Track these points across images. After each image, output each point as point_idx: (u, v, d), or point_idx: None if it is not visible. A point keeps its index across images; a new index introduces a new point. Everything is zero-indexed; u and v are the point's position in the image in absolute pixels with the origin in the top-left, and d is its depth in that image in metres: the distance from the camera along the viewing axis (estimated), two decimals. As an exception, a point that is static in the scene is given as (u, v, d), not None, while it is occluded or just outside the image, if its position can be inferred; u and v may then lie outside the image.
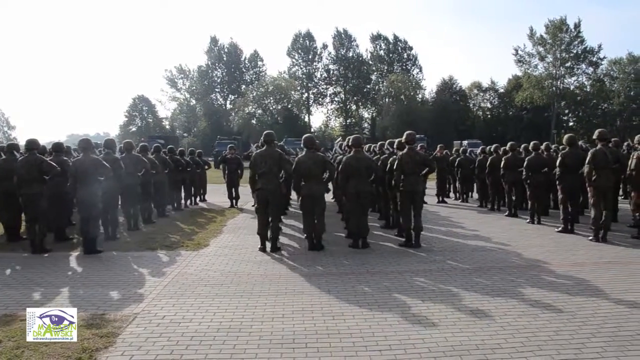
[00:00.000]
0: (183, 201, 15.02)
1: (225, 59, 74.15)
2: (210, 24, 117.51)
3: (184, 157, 15.41)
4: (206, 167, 17.31)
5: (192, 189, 15.80)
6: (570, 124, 66.18)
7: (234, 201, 14.94)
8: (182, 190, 14.92)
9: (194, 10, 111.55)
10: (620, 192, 13.60)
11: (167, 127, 77.96)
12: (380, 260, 7.84)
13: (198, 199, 16.46)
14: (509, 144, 12.88)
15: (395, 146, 10.46)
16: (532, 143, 11.91)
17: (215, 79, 75.34)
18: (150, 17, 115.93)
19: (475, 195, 15.77)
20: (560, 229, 10.13)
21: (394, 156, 9.52)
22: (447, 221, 12.06)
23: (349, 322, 5.00)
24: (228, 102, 75.41)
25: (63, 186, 9.07)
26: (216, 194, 17.63)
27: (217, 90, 75.79)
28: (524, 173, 11.34)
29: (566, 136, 10.66)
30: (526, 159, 11.50)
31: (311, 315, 5.25)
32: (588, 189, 9.39)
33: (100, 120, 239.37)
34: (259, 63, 75.53)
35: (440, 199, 15.81)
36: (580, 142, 14.94)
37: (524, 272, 7.04)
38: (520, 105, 62.38)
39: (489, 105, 72.07)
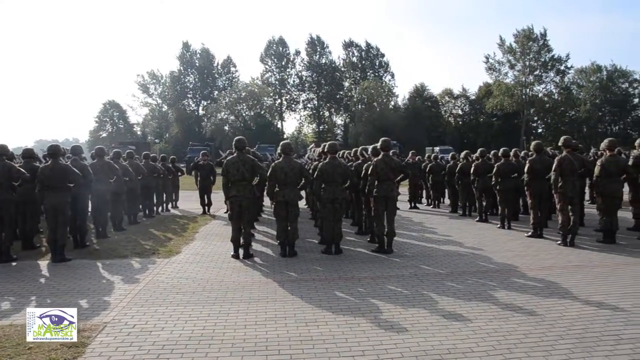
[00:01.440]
0: (155, 208, 14.85)
1: (197, 64, 73.72)
2: (183, 29, 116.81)
3: (158, 164, 15.28)
4: (179, 173, 17.17)
5: (164, 195, 15.63)
6: (540, 130, 67.48)
7: (206, 208, 14.83)
8: (155, 196, 14.75)
9: (166, 15, 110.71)
10: (587, 198, 13.92)
11: (139, 133, 77.07)
12: (353, 266, 7.87)
13: (170, 205, 16.30)
14: (478, 151, 13.06)
15: (370, 152, 10.53)
16: (501, 149, 12.09)
17: (188, 84, 74.75)
18: (122, 22, 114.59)
19: (447, 201, 15.94)
20: (529, 233, 10.31)
21: (369, 162, 9.59)
22: (419, 227, 12.16)
23: (322, 329, 5.01)
24: (200, 108, 74.89)
25: (32, 193, 8.85)
26: (188, 200, 17.51)
27: (189, 95, 75.19)
28: (493, 179, 11.52)
29: (533, 143, 10.87)
30: (496, 165, 11.67)
31: (284, 321, 5.24)
32: (555, 195, 9.60)
33: (69, 125, 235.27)
34: (232, 69, 75.40)
35: (413, 204, 15.93)
36: (548, 149, 15.26)
37: (495, 276, 7.14)
38: (490, 112, 63.43)
39: (460, 111, 73.08)
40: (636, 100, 62.54)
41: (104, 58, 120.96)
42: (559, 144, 9.97)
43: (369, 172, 9.02)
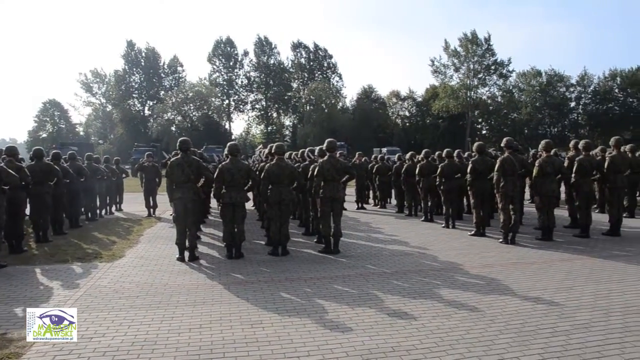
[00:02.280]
0: (98, 210, 14.45)
1: (143, 63, 72.12)
2: (127, 27, 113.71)
3: (101, 165, 14.89)
4: (123, 175, 16.77)
5: (108, 198, 15.24)
6: (484, 132, 69.42)
7: (151, 210, 14.56)
8: (98, 199, 14.35)
9: (109, 12, 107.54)
10: (527, 197, 14.44)
11: (82, 133, 74.74)
12: (299, 267, 7.88)
13: (114, 208, 15.90)
14: (423, 152, 13.29)
15: (316, 153, 10.58)
16: (445, 151, 12.37)
17: (133, 84, 73.03)
18: (62, 18, 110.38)
19: (394, 201, 16.19)
20: (472, 232, 10.60)
21: (315, 163, 9.64)
22: (366, 227, 12.30)
23: (268, 330, 5.00)
24: (146, 108, 73.37)
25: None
26: (133, 203, 17.11)
27: (134, 95, 73.48)
28: (437, 179, 11.77)
29: (476, 144, 11.19)
30: (440, 165, 11.92)
31: (229, 324, 5.20)
32: (497, 194, 9.90)
33: (6, 125, 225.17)
34: (179, 69, 74.24)
35: (360, 205, 16.09)
36: (491, 150, 15.73)
37: (439, 274, 7.30)
38: (437, 113, 64.70)
39: (407, 113, 74.38)
40: (573, 103, 65.27)
41: (43, 55, 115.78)
42: (501, 145, 10.31)
43: (315, 173, 9.07)
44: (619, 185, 10.52)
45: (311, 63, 73.46)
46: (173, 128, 67.24)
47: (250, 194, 9.94)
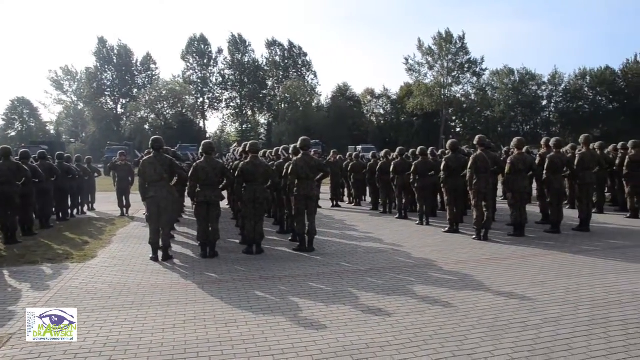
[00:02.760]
0: (70, 210, 14.22)
1: (115, 61, 70.94)
2: (98, 23, 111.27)
3: (73, 164, 14.65)
4: (95, 174, 16.55)
5: (80, 197, 15.01)
6: (458, 129, 70.16)
7: (124, 210, 14.37)
8: (69, 199, 14.13)
9: (79, 7, 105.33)
10: (500, 194, 14.66)
11: (52, 132, 73.32)
12: (274, 265, 7.88)
13: (86, 208, 15.66)
14: (397, 149, 13.37)
15: (290, 151, 10.57)
16: (419, 148, 12.47)
17: (105, 81, 71.72)
18: (30, 13, 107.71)
19: (368, 198, 16.26)
20: (446, 229, 10.71)
21: (289, 162, 9.63)
22: (340, 225, 12.33)
23: (242, 329, 4.98)
24: (119, 106, 72.22)
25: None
26: (106, 202, 16.90)
27: (107, 93, 72.15)
28: (411, 177, 11.86)
29: (449, 142, 11.30)
30: (414, 163, 12.02)
31: (203, 323, 5.16)
32: (470, 191, 10.02)
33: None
34: (152, 66, 73.14)
35: (334, 203, 16.13)
36: (464, 147, 15.91)
37: (413, 270, 7.36)
38: (411, 111, 65.11)
39: (382, 111, 74.72)
40: (544, 101, 66.40)
41: (11, 51, 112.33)
42: (474, 142, 10.42)
43: (289, 171, 9.08)
44: (588, 182, 10.79)
45: (286, 61, 73.31)
46: (146, 126, 66.48)
47: (224, 193, 9.90)
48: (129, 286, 6.68)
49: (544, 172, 10.55)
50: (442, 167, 10.76)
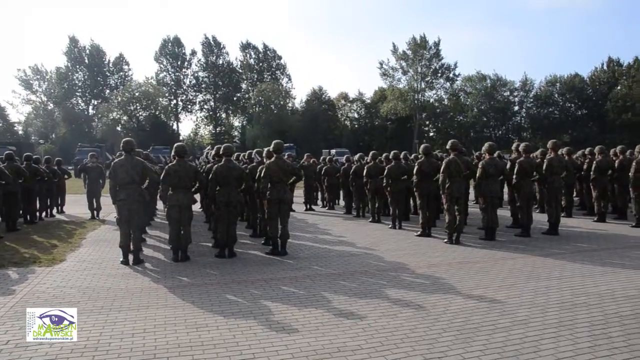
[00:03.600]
0: (38, 213, 13.95)
1: (87, 61, 69.71)
2: (69, 22, 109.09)
3: (42, 166, 14.40)
4: (65, 176, 16.26)
5: (49, 199, 14.73)
6: (431, 134, 70.76)
7: (95, 212, 14.13)
8: (37, 201, 13.85)
9: (50, 5, 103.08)
10: (472, 197, 14.86)
11: (21, 132, 71.58)
12: (246, 269, 7.84)
13: (55, 210, 15.38)
14: (370, 153, 13.48)
15: (263, 155, 10.49)
16: (392, 152, 12.59)
17: (76, 82, 70.22)
18: None
19: (342, 202, 16.30)
20: (419, 233, 10.79)
21: (262, 165, 9.56)
22: (314, 228, 12.33)
23: (213, 333, 4.94)
24: (91, 107, 70.99)
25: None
26: (76, 204, 16.60)
27: (78, 94, 70.75)
28: (384, 181, 11.93)
29: (422, 146, 11.42)
30: (386, 167, 12.11)
31: (174, 328, 5.11)
32: (442, 195, 10.12)
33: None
34: (125, 67, 71.93)
35: (308, 206, 16.13)
36: (437, 152, 16.06)
37: (386, 274, 7.39)
38: (385, 116, 65.63)
39: (356, 115, 74.92)
40: (516, 107, 67.46)
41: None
42: (447, 147, 10.53)
43: (262, 174, 9.02)
44: (556, 186, 11.06)
45: (260, 64, 72.98)
46: (119, 128, 65.48)
47: (197, 196, 9.85)
48: (98, 290, 6.57)
49: (514, 176, 10.74)
50: (414, 171, 10.87)
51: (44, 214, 14.48)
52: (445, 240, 10.00)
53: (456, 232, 9.93)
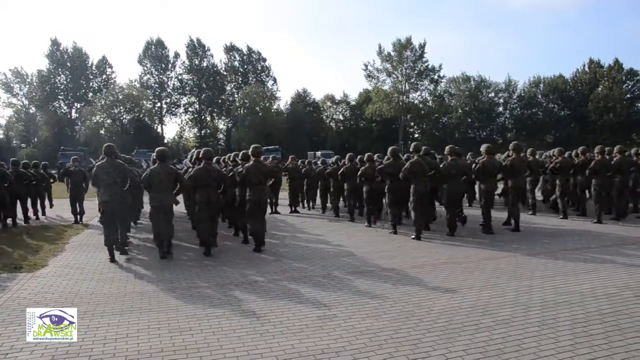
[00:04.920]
0: (25, 216, 13.91)
1: (69, 64, 69.01)
2: (51, 24, 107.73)
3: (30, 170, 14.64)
4: (51, 180, 16.24)
5: (31, 204, 14.67)
6: (416, 135, 71.12)
7: (78, 217, 13.97)
8: (19, 205, 13.75)
9: (31, 7, 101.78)
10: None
11: (1, 136, 70.64)
12: (231, 271, 7.80)
13: (40, 213, 15.29)
14: (347, 155, 13.88)
15: (239, 158, 11.02)
16: (366, 155, 12.99)
17: (59, 85, 69.50)
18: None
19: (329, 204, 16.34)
20: (391, 231, 11.20)
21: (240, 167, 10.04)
22: (298, 230, 12.27)
23: (197, 337, 4.92)
24: (73, 110, 70.34)
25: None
26: (59, 209, 16.44)
27: (60, 97, 69.98)
28: (357, 180, 12.41)
29: (390, 148, 11.74)
30: (361, 168, 12.52)
31: (157, 332, 5.08)
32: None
33: None
34: (108, 70, 71.41)
35: (293, 208, 16.08)
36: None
37: (370, 275, 7.41)
38: (370, 117, 65.83)
39: (341, 117, 75.10)
40: (500, 108, 68.02)
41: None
42: (410, 149, 11.18)
43: (241, 177, 9.61)
44: (519, 186, 11.57)
45: (245, 66, 72.93)
46: (102, 131, 65.00)
47: (181, 197, 10.20)
48: (80, 295, 6.51)
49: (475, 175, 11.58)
50: (377, 171, 11.53)
51: (33, 216, 14.70)
52: (413, 236, 10.44)
53: (418, 229, 10.49)
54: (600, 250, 9.02)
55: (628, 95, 60.39)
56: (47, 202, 16.23)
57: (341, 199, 14.69)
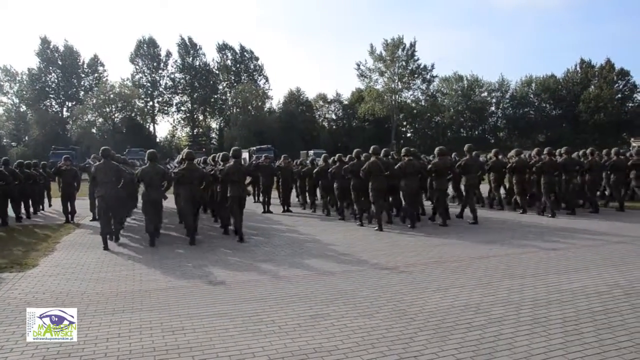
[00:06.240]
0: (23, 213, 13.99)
1: (60, 62, 68.41)
2: (41, 22, 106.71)
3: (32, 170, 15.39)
4: (50, 179, 16.54)
5: (29, 202, 14.83)
6: (409, 135, 71.33)
7: (69, 216, 13.89)
8: (9, 204, 13.73)
9: (21, 5, 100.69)
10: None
11: (-9, 135, 70.03)
12: (223, 270, 7.80)
13: (35, 210, 15.43)
14: (337, 156, 14.35)
15: (219, 159, 12.76)
16: (355, 151, 13.28)
17: (50, 83, 68.78)
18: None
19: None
20: (376, 228, 11.65)
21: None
22: (290, 229, 12.28)
23: (189, 336, 4.90)
24: (65, 109, 69.85)
25: None
26: (50, 208, 16.35)
27: (51, 96, 69.22)
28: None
29: (355, 150, 12.89)
30: (331, 168, 13.70)
31: (149, 332, 5.06)
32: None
33: None
34: (100, 68, 70.82)
35: (285, 208, 16.05)
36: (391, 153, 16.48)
37: (362, 274, 7.42)
38: (363, 117, 65.88)
39: (334, 116, 75.10)
40: (492, 107, 68.29)
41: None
42: (369, 151, 12.18)
43: (223, 175, 10.96)
44: (471, 183, 12.99)
45: (237, 65, 72.73)
46: (94, 130, 64.74)
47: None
48: (72, 295, 6.48)
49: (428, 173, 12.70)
50: (344, 171, 12.70)
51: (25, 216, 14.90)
52: (376, 228, 11.54)
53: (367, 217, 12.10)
54: (592, 250, 9.05)
55: (619, 95, 60.87)
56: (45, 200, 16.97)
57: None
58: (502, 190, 15.48)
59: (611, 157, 14.68)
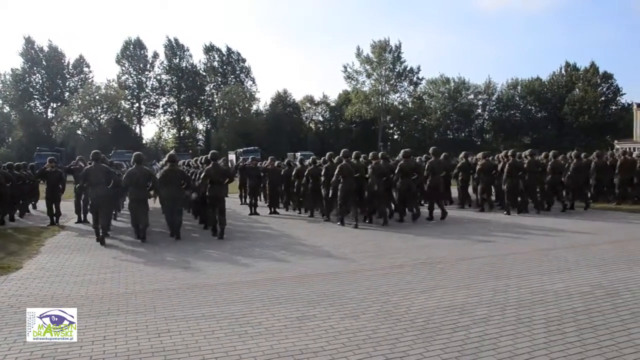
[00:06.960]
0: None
1: (44, 63, 67.61)
2: (25, 22, 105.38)
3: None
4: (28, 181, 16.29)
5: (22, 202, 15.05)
6: (395, 136, 71.54)
7: (54, 218, 13.76)
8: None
9: (4, 4, 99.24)
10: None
11: (-27, 136, 68.98)
12: (208, 272, 7.81)
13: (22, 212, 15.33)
14: (327, 154, 14.85)
15: (201, 161, 14.02)
16: (311, 157, 14.88)
17: (34, 84, 67.87)
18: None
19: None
20: (353, 225, 12.36)
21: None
22: (276, 231, 12.30)
23: (175, 339, 4.89)
24: (49, 110, 69.04)
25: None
26: (34, 210, 16.19)
27: (35, 96, 68.30)
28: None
29: (327, 154, 14.19)
30: (307, 169, 14.55)
31: (135, 334, 5.04)
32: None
33: None
34: (85, 69, 70.04)
35: (272, 210, 16.04)
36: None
37: (348, 275, 7.46)
38: (350, 118, 66.00)
39: (321, 118, 75.19)
40: (479, 110, 68.74)
41: None
42: (340, 154, 13.07)
43: (202, 176, 11.68)
44: (435, 184, 13.62)
45: (224, 67, 72.43)
46: (79, 132, 64.11)
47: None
48: (57, 298, 6.43)
49: (395, 175, 13.23)
50: (322, 173, 13.46)
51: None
52: (339, 223, 12.68)
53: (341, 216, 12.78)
54: (573, 251, 9.15)
55: (602, 98, 61.49)
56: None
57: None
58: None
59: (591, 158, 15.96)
